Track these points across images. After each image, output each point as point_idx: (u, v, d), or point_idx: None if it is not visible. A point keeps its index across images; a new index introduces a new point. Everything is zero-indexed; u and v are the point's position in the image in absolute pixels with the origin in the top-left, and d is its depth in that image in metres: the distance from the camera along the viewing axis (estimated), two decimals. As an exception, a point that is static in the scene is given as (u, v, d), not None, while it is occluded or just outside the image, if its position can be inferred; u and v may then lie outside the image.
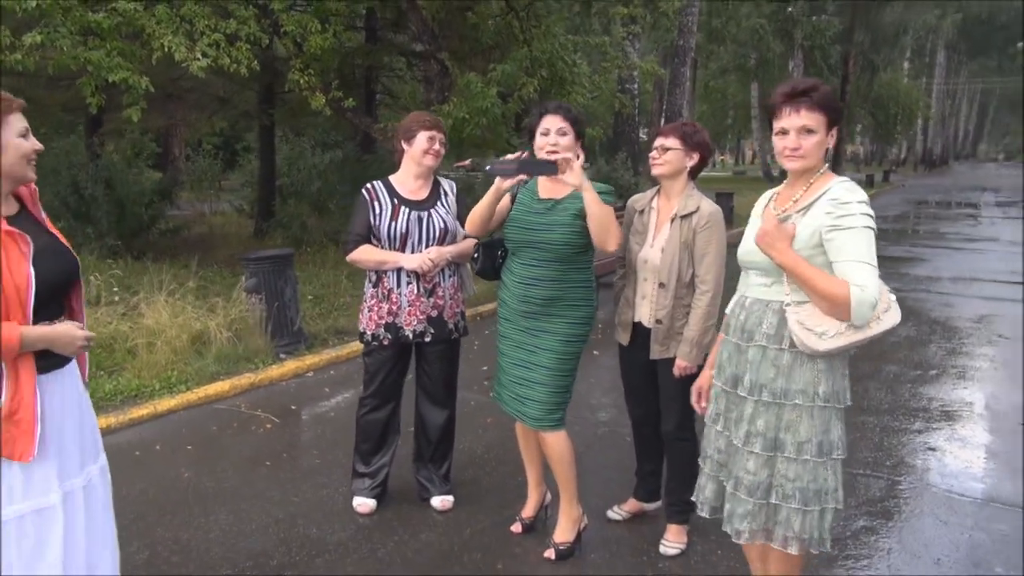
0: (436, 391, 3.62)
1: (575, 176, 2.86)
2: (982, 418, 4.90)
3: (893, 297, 2.25)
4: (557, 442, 3.17)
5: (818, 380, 2.27)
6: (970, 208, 21.45)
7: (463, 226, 3.43)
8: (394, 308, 3.41)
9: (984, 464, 4.19)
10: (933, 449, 4.39)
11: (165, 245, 10.31)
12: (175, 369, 5.45)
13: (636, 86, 16.11)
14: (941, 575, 3.11)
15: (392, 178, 3.49)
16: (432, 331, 3.46)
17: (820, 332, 2.21)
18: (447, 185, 3.55)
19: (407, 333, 3.44)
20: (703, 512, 2.56)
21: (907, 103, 37.82)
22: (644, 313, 3.20)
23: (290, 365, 5.83)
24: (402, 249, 3.37)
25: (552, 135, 3.01)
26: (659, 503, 3.55)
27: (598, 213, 2.92)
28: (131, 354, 5.57)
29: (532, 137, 3.09)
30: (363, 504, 3.63)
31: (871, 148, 47.99)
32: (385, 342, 3.45)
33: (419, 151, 3.40)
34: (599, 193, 3.00)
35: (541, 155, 3.02)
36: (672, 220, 3.12)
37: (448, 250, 3.42)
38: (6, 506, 1.97)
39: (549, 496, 3.54)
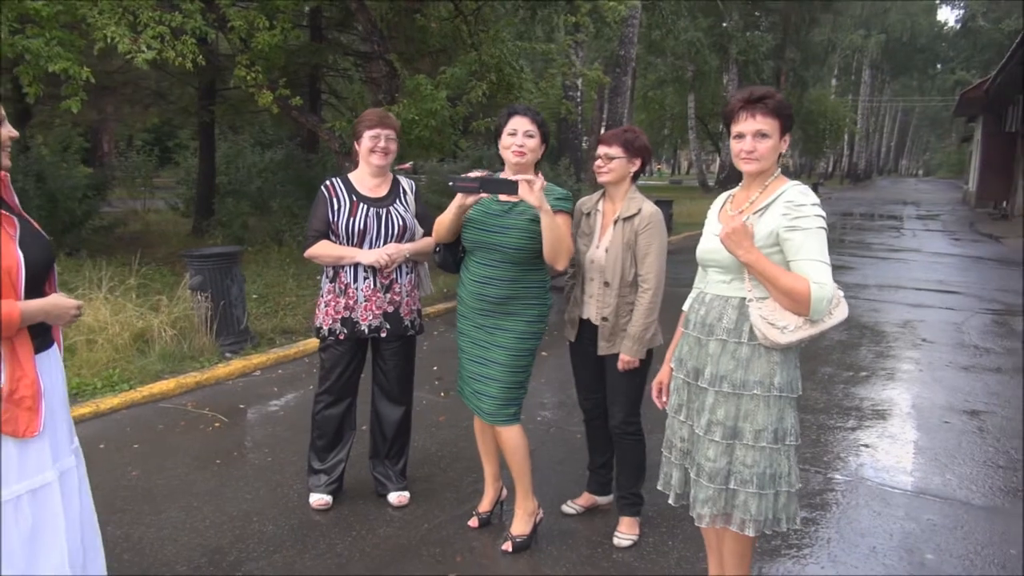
0: (392, 388, 3.64)
1: (535, 198, 2.90)
2: (909, 416, 5.16)
3: (841, 293, 2.40)
4: (511, 436, 3.24)
5: (774, 371, 2.40)
6: (893, 220, 22.41)
7: (422, 224, 3.48)
8: (351, 303, 3.43)
9: (913, 459, 4.43)
10: (866, 445, 4.61)
11: (99, 242, 10.00)
12: (117, 367, 5.32)
13: (579, 94, 16.33)
14: (877, 562, 3.29)
15: (351, 176, 3.51)
16: (388, 326, 3.48)
17: (782, 326, 2.35)
18: (406, 183, 3.57)
19: (363, 328, 3.45)
20: (670, 500, 2.66)
21: (835, 119, 39.29)
22: (591, 311, 3.30)
23: (237, 364, 5.75)
24: (360, 245, 3.39)
25: (519, 136, 3.08)
26: (611, 496, 3.65)
27: (552, 236, 2.98)
28: (70, 352, 5.41)
29: (498, 136, 3.15)
30: (319, 500, 3.62)
31: (800, 161, 49.66)
32: (341, 337, 3.46)
33: (365, 150, 3.43)
34: (556, 199, 3.10)
35: (506, 154, 3.11)
36: (615, 222, 3.22)
37: (406, 247, 3.45)
38: (5, 487, 1.96)
39: (505, 492, 3.61)
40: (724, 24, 30.36)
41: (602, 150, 3.24)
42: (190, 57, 6.60)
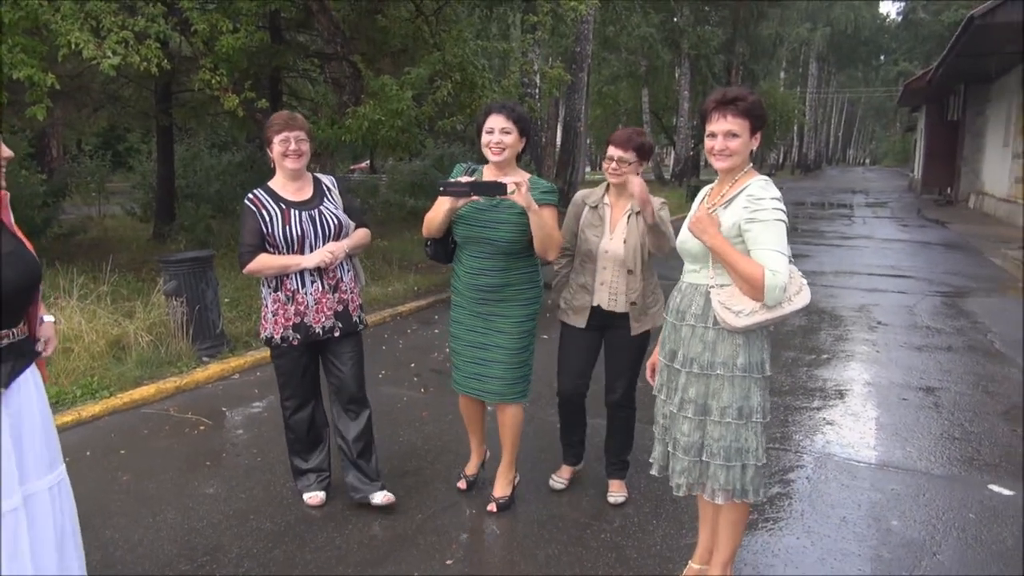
0: (350, 385, 3.54)
1: (523, 199, 3.08)
2: (869, 395, 5.43)
3: (805, 281, 2.58)
4: (516, 413, 3.54)
5: (737, 353, 2.58)
6: (844, 209, 23.03)
7: (352, 218, 3.52)
8: (301, 308, 3.39)
9: (875, 434, 4.68)
10: (831, 423, 4.85)
11: (60, 249, 9.84)
12: (95, 375, 5.31)
13: (537, 91, 16.47)
14: (848, 531, 3.51)
15: (272, 184, 3.43)
16: (340, 325, 3.48)
17: (737, 311, 2.53)
18: (327, 180, 3.55)
19: (317, 330, 3.44)
20: (653, 470, 2.86)
21: (784, 111, 39.98)
22: (603, 297, 3.51)
23: (215, 368, 5.78)
24: (300, 251, 3.35)
25: (496, 133, 3.24)
26: (583, 463, 4.01)
27: (541, 232, 3.20)
28: (47, 360, 5.37)
29: (479, 134, 3.31)
30: (313, 496, 3.70)
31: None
32: (295, 343, 3.43)
33: (278, 155, 3.34)
34: (543, 192, 3.28)
35: (486, 151, 3.29)
36: (628, 216, 3.46)
37: (345, 243, 3.44)
38: None
39: (488, 453, 3.95)
40: (676, 19, 30.74)
41: (616, 153, 3.40)
42: (155, 61, 6.58)
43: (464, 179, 3.15)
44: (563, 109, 21.21)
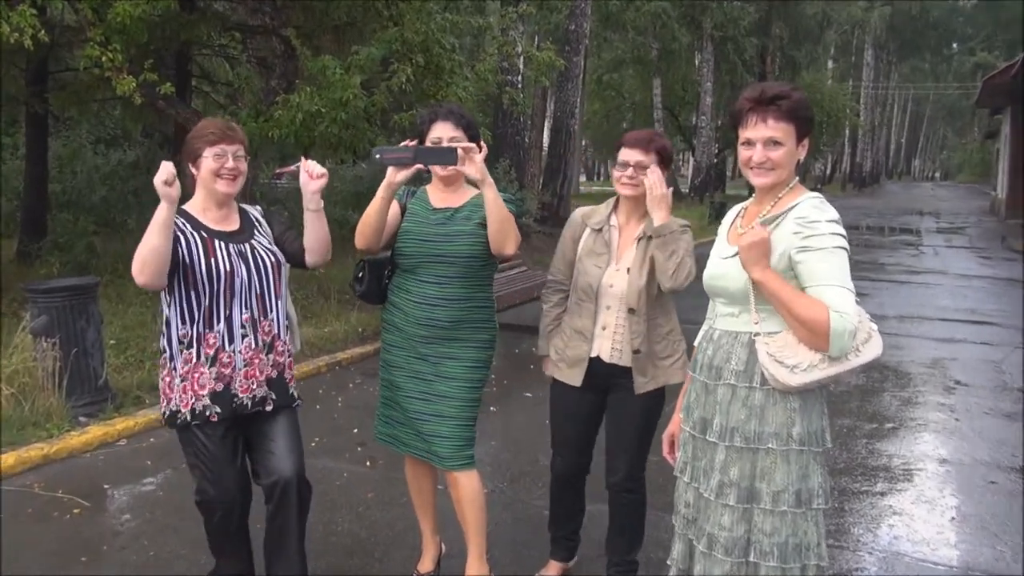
0: (288, 480, 3.38)
1: (476, 168, 3.25)
2: (947, 477, 5.45)
3: (875, 326, 2.56)
4: (471, 483, 3.53)
5: (792, 420, 2.55)
6: (909, 235, 23.42)
7: (290, 245, 3.49)
8: (225, 372, 3.29)
9: (956, 528, 4.69)
10: (899, 513, 4.86)
11: None
12: (-65, 439, 5.20)
13: (520, 79, 16.65)
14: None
15: (189, 208, 3.38)
16: (274, 397, 3.40)
17: (792, 365, 2.49)
18: (254, 211, 3.55)
19: (244, 401, 3.33)
20: (671, 574, 2.81)
21: (833, 110, 40.66)
22: (604, 347, 3.49)
23: (95, 431, 5.70)
24: (229, 292, 3.27)
25: (445, 144, 3.39)
26: (576, 558, 3.97)
27: (499, 213, 3.32)
28: None
29: (421, 143, 3.46)
30: None
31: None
32: (214, 418, 3.30)
33: (208, 173, 3.27)
34: (504, 201, 3.40)
35: (432, 167, 3.43)
36: (639, 240, 3.44)
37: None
38: None
39: (444, 548, 3.97)
40: (696, -9, 31.36)
41: (633, 158, 3.41)
42: (29, 32, 6.57)
43: (408, 143, 3.31)
44: (553, 102, 21.48)
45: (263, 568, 3.54)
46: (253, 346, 3.33)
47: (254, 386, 3.34)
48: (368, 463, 5.46)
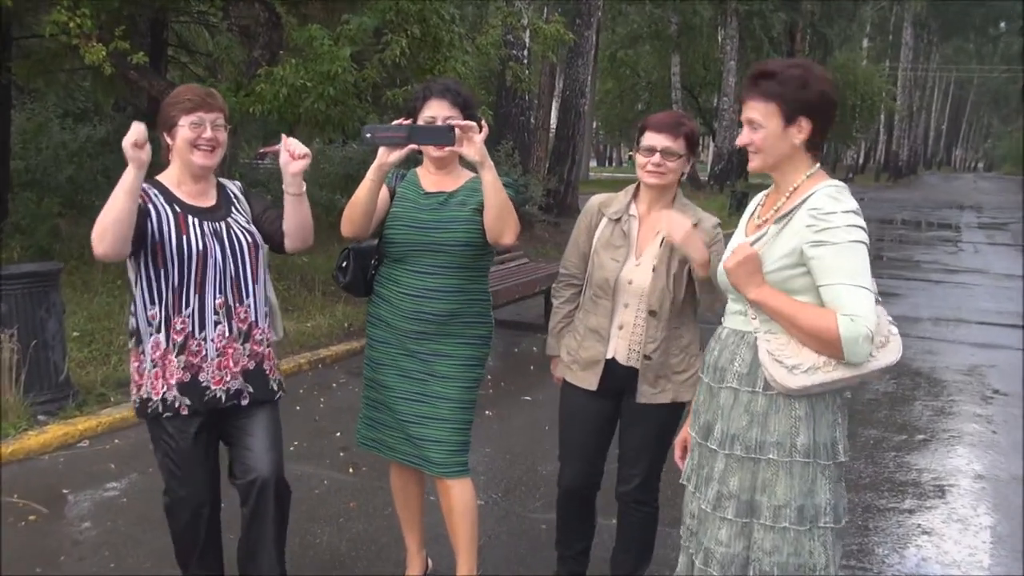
0: (266, 479, 3.38)
1: (475, 149, 3.23)
2: (983, 494, 5.45)
3: (895, 329, 2.53)
4: (465, 493, 3.55)
5: (796, 429, 2.54)
6: (948, 231, 23.40)
7: (269, 224, 3.48)
8: (195, 361, 3.29)
9: (990, 550, 4.68)
10: (928, 533, 4.85)
11: None
12: None
13: (526, 53, 16.63)
14: None
15: (163, 179, 3.38)
16: (251, 390, 3.39)
17: (792, 365, 2.48)
18: (234, 187, 3.55)
19: (217, 394, 3.33)
20: None
21: (868, 92, 40.63)
22: (620, 348, 3.47)
23: (55, 431, 5.70)
24: (201, 273, 3.27)
25: (440, 124, 3.36)
26: None
27: (497, 198, 3.31)
28: None
29: (413, 122, 3.43)
30: None
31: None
32: (184, 411, 3.30)
33: (184, 143, 3.26)
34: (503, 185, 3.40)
35: (425, 147, 3.44)
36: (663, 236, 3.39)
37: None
38: None
39: (431, 565, 3.98)
40: (720, -39, 31.30)
41: (660, 143, 3.36)
42: (-11, -6, 6.55)
43: (396, 123, 3.30)
44: (561, 80, 21.43)
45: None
46: (227, 334, 3.32)
47: (227, 378, 3.33)
48: (351, 470, 5.46)
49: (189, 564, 3.60)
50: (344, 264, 3.62)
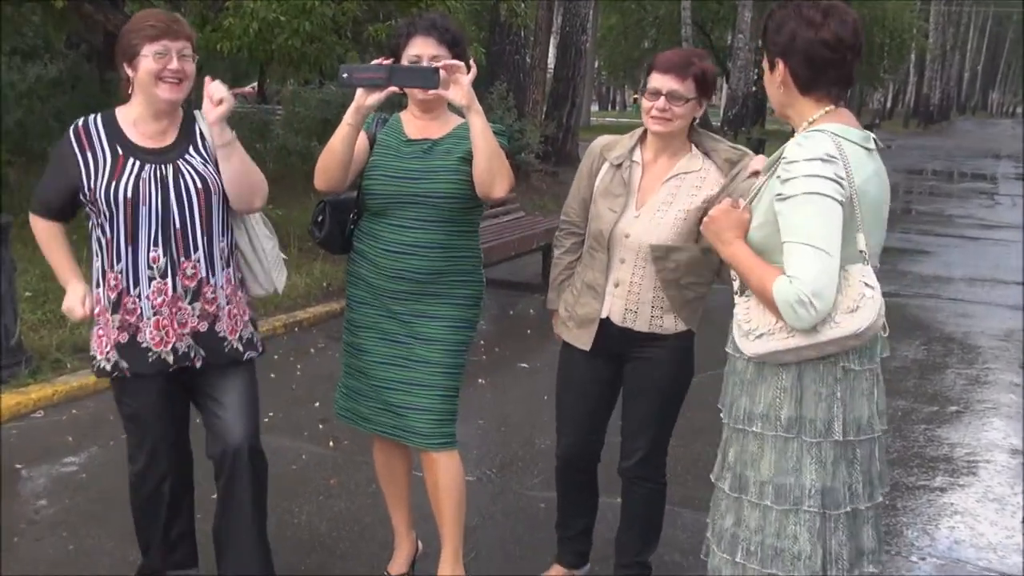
0: (238, 448, 3.39)
1: (462, 93, 3.22)
2: (1021, 470, 5.47)
3: (870, 292, 2.43)
4: (452, 467, 3.58)
5: (780, 401, 2.56)
6: (983, 182, 23.38)
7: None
8: (131, 319, 3.27)
9: (1029, 532, 4.72)
10: (961, 513, 4.88)
11: None
12: None
13: (522, -15, 16.49)
14: None
15: (120, 114, 3.35)
16: (202, 353, 3.36)
17: (747, 330, 2.56)
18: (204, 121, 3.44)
19: (162, 355, 3.29)
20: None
21: (896, 29, 40.40)
22: (616, 307, 3.45)
23: (7, 400, 5.69)
24: (131, 224, 3.20)
25: (426, 63, 3.34)
26: (588, 566, 3.94)
27: (488, 145, 3.29)
28: None
29: (395, 61, 3.39)
30: None
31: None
32: (126, 373, 3.33)
33: (145, 77, 3.18)
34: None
35: (409, 89, 3.41)
36: (669, 181, 3.39)
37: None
38: None
39: (420, 547, 3.99)
40: None
41: (666, 85, 3.29)
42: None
43: (376, 62, 3.27)
44: (560, 15, 21.26)
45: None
46: (170, 292, 3.26)
47: (171, 338, 3.28)
48: (331, 443, 5.47)
49: (150, 548, 3.62)
50: (320, 219, 3.62)
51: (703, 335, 3.54)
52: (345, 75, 3.26)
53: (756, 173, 2.95)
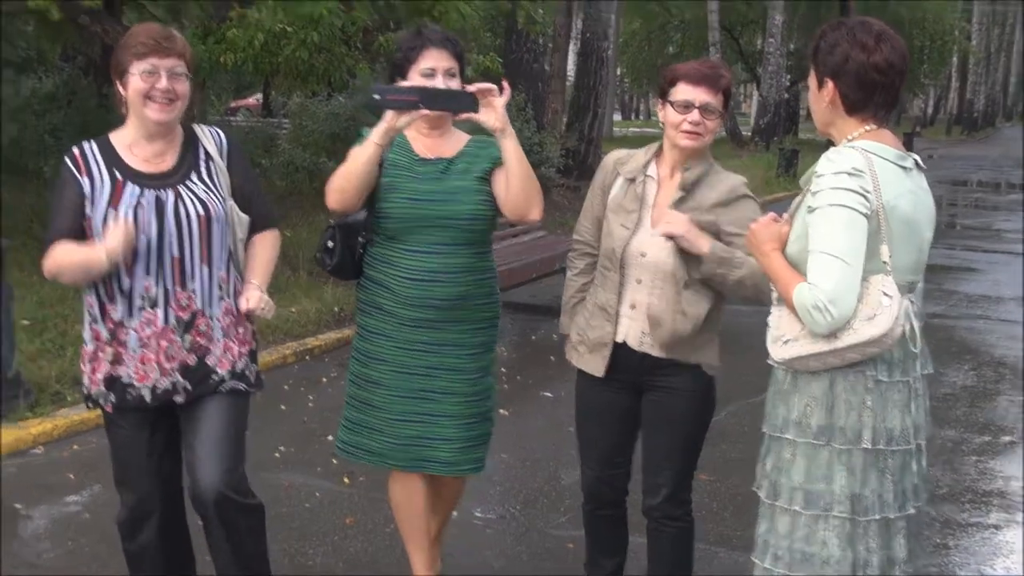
0: (204, 494, 3.31)
1: (496, 115, 3.27)
2: (1081, 505, 5.43)
3: (888, 301, 2.57)
4: (459, 484, 3.78)
5: (811, 409, 2.71)
6: (1032, 194, 23.23)
7: (246, 209, 3.44)
8: (120, 351, 3.28)
9: (1091, 573, 4.68)
10: (1018, 552, 4.83)
11: None
12: None
13: (538, -11, 16.53)
14: None
15: (115, 138, 3.36)
16: (188, 387, 3.32)
17: (776, 336, 2.75)
18: (211, 140, 3.44)
19: (142, 393, 3.28)
20: None
21: (938, 32, 40.27)
22: (632, 331, 3.44)
23: (5, 436, 5.70)
24: (130, 255, 3.20)
25: (440, 77, 3.40)
26: None
27: (522, 168, 3.37)
28: None
29: (403, 76, 3.46)
30: None
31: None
32: (108, 408, 3.34)
33: (135, 96, 3.19)
34: (495, 160, 3.48)
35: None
36: (683, 199, 3.40)
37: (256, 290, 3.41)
38: None
39: None
40: None
41: (698, 97, 3.33)
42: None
43: (406, 84, 3.35)
44: (581, 20, 21.32)
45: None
46: (160, 323, 3.25)
47: (154, 374, 3.26)
48: (346, 480, 5.46)
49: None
50: (330, 244, 3.60)
51: (736, 364, 3.54)
52: (377, 96, 3.32)
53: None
